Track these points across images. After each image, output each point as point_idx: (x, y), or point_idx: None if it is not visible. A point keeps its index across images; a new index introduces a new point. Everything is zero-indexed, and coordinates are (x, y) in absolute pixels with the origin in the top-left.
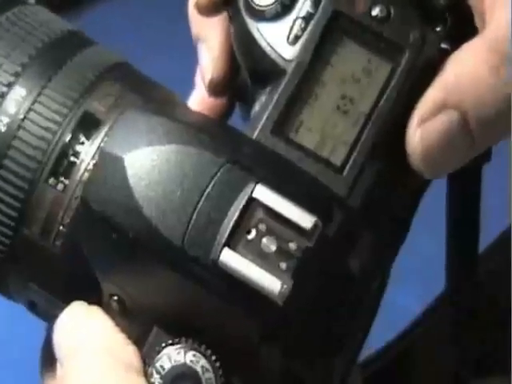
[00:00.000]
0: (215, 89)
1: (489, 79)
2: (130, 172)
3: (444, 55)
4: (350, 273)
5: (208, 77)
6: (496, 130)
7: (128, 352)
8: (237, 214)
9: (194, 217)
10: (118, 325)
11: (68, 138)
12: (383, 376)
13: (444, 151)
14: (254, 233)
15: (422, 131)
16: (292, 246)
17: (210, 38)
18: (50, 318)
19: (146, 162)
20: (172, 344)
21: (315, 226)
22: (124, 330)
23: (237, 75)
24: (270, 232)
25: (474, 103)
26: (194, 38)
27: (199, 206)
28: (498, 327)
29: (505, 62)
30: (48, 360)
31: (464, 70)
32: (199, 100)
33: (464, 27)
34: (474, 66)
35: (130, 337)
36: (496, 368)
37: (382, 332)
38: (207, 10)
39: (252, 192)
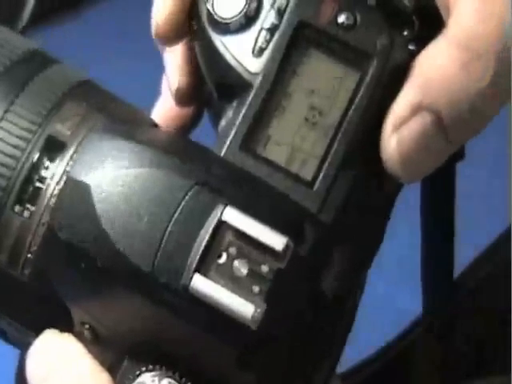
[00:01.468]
0: (182, 98)
1: (459, 76)
2: (96, 198)
3: (413, 58)
4: (324, 291)
5: (175, 86)
6: (470, 125)
7: (101, 380)
8: (206, 238)
9: (163, 242)
10: (90, 352)
11: (32, 163)
12: (383, 376)
13: (421, 153)
14: (224, 256)
15: (397, 136)
16: (264, 268)
17: (176, 47)
18: (21, 345)
19: (113, 187)
20: (146, 371)
21: (287, 246)
22: (97, 357)
23: (204, 83)
24: (241, 255)
25: (447, 102)
26: (160, 46)
27: (168, 231)
28: (498, 327)
29: (475, 56)
30: None
31: (434, 70)
32: (166, 109)
33: (432, 28)
34: (444, 64)
35: (103, 364)
36: (496, 368)
37: (382, 332)
38: (168, 41)
39: (221, 215)
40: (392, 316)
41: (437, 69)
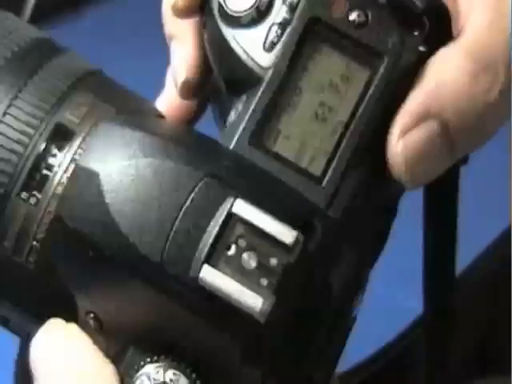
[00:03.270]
0: (188, 90)
1: (468, 87)
2: (105, 188)
3: (422, 59)
4: (331, 287)
5: (181, 78)
6: (475, 137)
7: (106, 372)
8: (216, 229)
9: (173, 233)
10: (94, 342)
11: (40, 150)
12: (383, 376)
13: (426, 161)
14: (233, 249)
15: (404, 142)
16: (273, 261)
17: (184, 37)
18: (23, 334)
19: (123, 177)
20: (151, 362)
21: (296, 240)
22: (101, 347)
23: (209, 77)
24: (250, 247)
25: (454, 112)
26: (167, 37)
27: (177, 221)
28: (498, 327)
29: (484, 68)
30: (23, 377)
31: (443, 79)
32: (170, 100)
33: (442, 29)
34: (453, 74)
35: (107, 354)
36: (496, 368)
37: (382, 332)
38: (183, 12)
39: (231, 207)
40: (392, 316)
41: (446, 78)
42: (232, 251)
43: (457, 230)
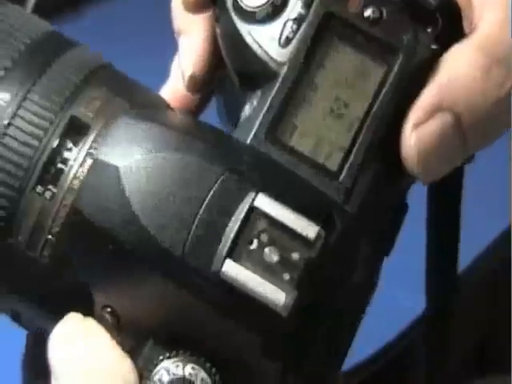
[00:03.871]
0: (195, 85)
1: (480, 82)
2: (125, 181)
3: (435, 55)
4: (351, 281)
5: (188, 73)
6: (487, 131)
7: (125, 368)
8: (238, 224)
9: (194, 227)
10: (111, 337)
11: (55, 144)
12: (383, 376)
13: (438, 154)
14: (255, 243)
15: (416, 134)
16: (295, 256)
17: (193, 33)
18: (32, 328)
19: (142, 170)
20: (169, 357)
21: (318, 235)
22: (118, 341)
23: (216, 71)
24: (272, 242)
25: (466, 106)
26: (176, 32)
27: (199, 216)
28: (498, 327)
29: (496, 64)
30: (32, 370)
31: (456, 73)
32: (174, 91)
33: (454, 26)
34: (465, 68)
35: (123, 348)
36: (496, 368)
37: (382, 332)
38: (194, 7)
39: (253, 201)
40: (392, 316)
41: (458, 73)
42: (254, 246)
43: (460, 229)
